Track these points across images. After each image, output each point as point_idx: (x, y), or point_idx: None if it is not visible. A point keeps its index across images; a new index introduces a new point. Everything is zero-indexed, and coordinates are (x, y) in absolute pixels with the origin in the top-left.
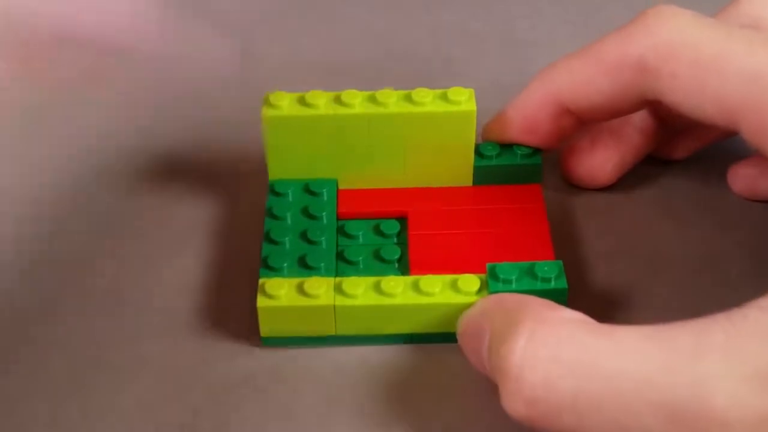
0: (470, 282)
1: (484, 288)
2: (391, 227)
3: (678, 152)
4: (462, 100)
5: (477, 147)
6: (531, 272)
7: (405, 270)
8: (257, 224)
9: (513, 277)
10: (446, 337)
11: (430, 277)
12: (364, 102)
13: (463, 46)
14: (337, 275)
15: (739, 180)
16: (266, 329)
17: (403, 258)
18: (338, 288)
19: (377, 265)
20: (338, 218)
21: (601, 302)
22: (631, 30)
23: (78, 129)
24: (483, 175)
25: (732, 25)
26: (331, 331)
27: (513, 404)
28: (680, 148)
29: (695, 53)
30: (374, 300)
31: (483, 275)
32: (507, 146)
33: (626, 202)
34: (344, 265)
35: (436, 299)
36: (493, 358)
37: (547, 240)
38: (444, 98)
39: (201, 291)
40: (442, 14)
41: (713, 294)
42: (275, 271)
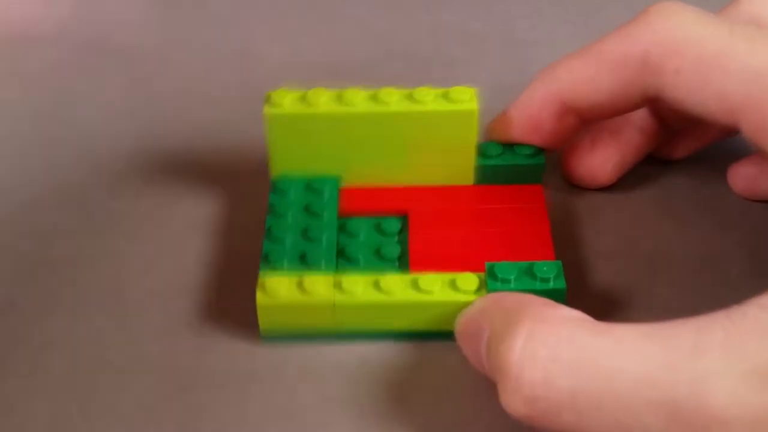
0: (469, 281)
1: (483, 287)
2: (392, 225)
3: (678, 152)
4: (464, 99)
5: (479, 146)
6: (530, 272)
7: (405, 268)
8: (257, 224)
9: (511, 277)
10: (445, 335)
11: (429, 276)
12: (366, 100)
13: (463, 46)
14: (338, 273)
15: (739, 179)
16: (265, 325)
17: (404, 256)
18: (337, 285)
19: (377, 263)
20: (340, 216)
21: (601, 302)
22: (634, 27)
23: (77, 129)
24: (485, 175)
25: (735, 23)
26: (331, 327)
27: (512, 403)
28: (680, 148)
29: (698, 49)
30: (373, 297)
31: (482, 274)
32: (509, 146)
33: (626, 202)
34: (345, 263)
35: (435, 297)
36: (492, 357)
37: (548, 240)
38: (446, 97)
39: (201, 290)
40: (442, 14)
41: (713, 294)
42: (275, 268)
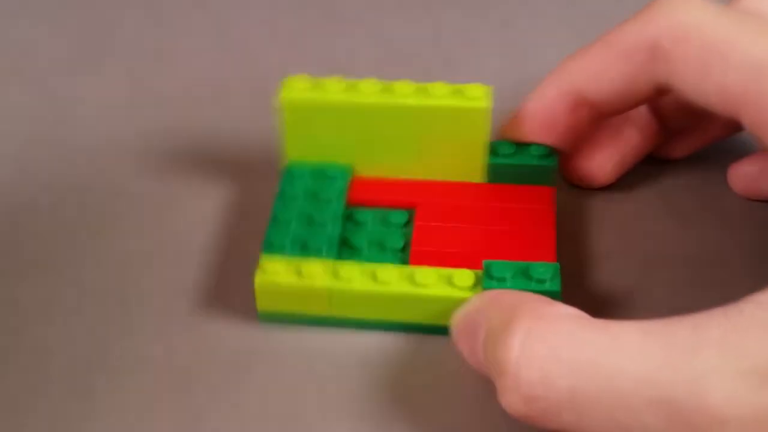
0: (465, 277)
1: (479, 284)
2: (399, 217)
3: (678, 151)
4: (477, 97)
5: (492, 145)
6: (526, 272)
7: (407, 260)
8: (258, 223)
9: (507, 276)
10: (439, 330)
11: (426, 269)
12: (380, 92)
13: (463, 46)
14: (338, 261)
15: (740, 179)
16: (263, 307)
17: (407, 249)
18: (335, 272)
19: (380, 254)
20: (348, 205)
21: (601, 302)
22: (644, 15)
23: (77, 129)
24: (496, 174)
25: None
26: (326, 313)
27: (511, 402)
28: (680, 148)
29: (704, 38)
30: (368, 286)
31: (479, 271)
32: (523, 146)
33: (626, 202)
34: (347, 251)
35: (429, 291)
36: (490, 356)
37: (551, 243)
38: (459, 93)
39: (202, 290)
40: (442, 14)
41: (713, 293)
42: (277, 251)
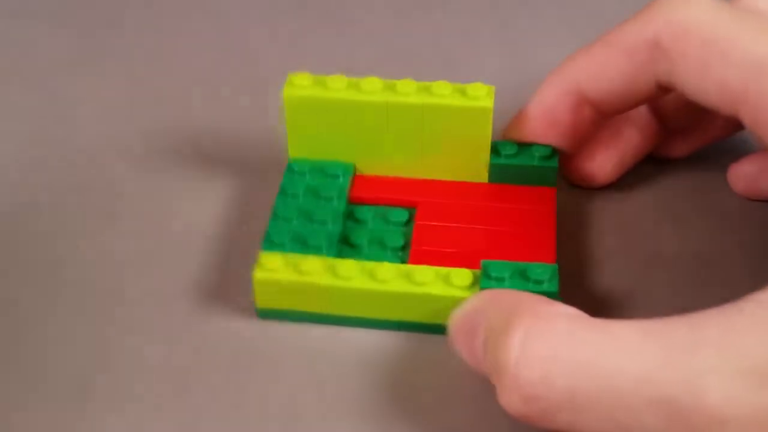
0: (463, 276)
1: (476, 283)
2: (400, 216)
3: (678, 151)
4: (480, 96)
5: (495, 145)
6: (524, 273)
7: (407, 259)
8: (260, 221)
9: (505, 276)
10: (436, 329)
11: (424, 268)
12: (383, 90)
13: (463, 46)
14: (337, 258)
15: (739, 179)
16: (261, 303)
17: (406, 247)
18: (332, 269)
19: (379, 252)
20: (350, 203)
21: (601, 302)
22: (646, 12)
23: (76, 128)
24: (498, 174)
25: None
26: (324, 310)
27: (511, 402)
28: (680, 147)
29: (704, 34)
30: (365, 284)
31: (477, 271)
32: (526, 147)
33: (626, 202)
34: (347, 249)
35: (427, 290)
36: (490, 355)
37: (551, 244)
38: (463, 93)
39: (202, 289)
40: (442, 14)
41: (713, 293)
42: (277, 247)
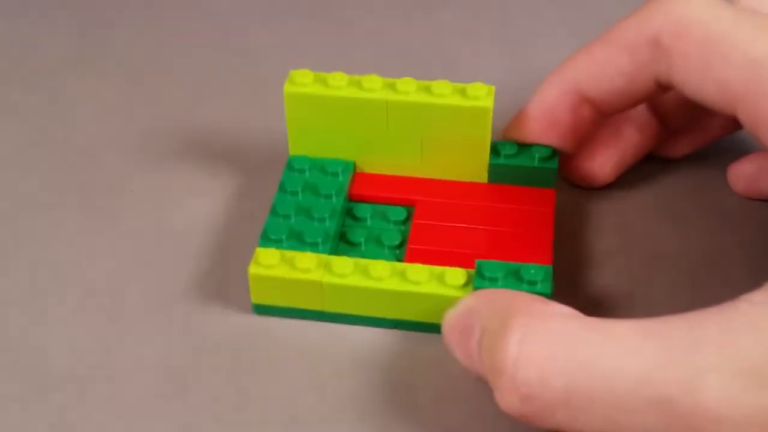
0: (457, 276)
1: (470, 283)
2: (398, 214)
3: (678, 150)
4: (480, 96)
5: (495, 145)
6: (517, 273)
7: (403, 257)
8: (260, 219)
9: (499, 276)
10: (430, 327)
11: (419, 267)
12: (384, 88)
13: (463, 46)
14: (332, 255)
15: (739, 179)
16: (256, 298)
17: (403, 245)
18: (327, 266)
19: (376, 250)
20: (349, 200)
21: (601, 301)
22: (646, 10)
23: (76, 128)
24: (498, 174)
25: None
26: (319, 307)
27: (508, 401)
28: (680, 147)
29: (704, 33)
30: (360, 281)
31: (471, 270)
32: (526, 147)
33: (626, 202)
34: (345, 246)
35: (420, 289)
36: (487, 355)
37: (548, 246)
38: (462, 92)
39: (202, 289)
40: (442, 14)
41: (713, 293)
42: (273, 243)
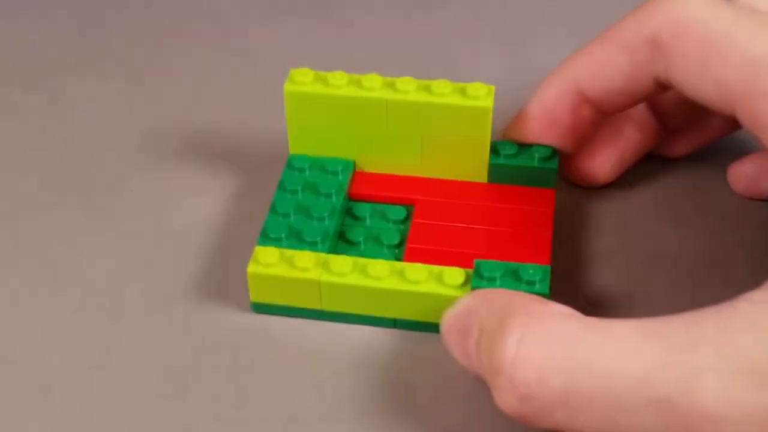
0: (455, 275)
1: (468, 283)
2: (397, 213)
3: (677, 150)
4: (480, 96)
5: (495, 145)
6: (516, 273)
7: (402, 256)
8: (258, 221)
9: (497, 276)
10: (428, 327)
11: (417, 266)
12: (383, 87)
13: (463, 46)
14: (335, 253)
15: (739, 179)
16: (255, 296)
17: (403, 244)
18: (325, 265)
19: (375, 249)
20: (348, 199)
21: (601, 301)
22: (644, 9)
23: (76, 128)
24: (498, 174)
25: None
26: (318, 305)
27: (506, 401)
28: (680, 146)
29: (703, 33)
30: (358, 281)
31: (470, 270)
32: (526, 147)
33: (626, 202)
34: (344, 245)
35: (419, 288)
36: (485, 355)
37: (547, 246)
38: (462, 92)
39: (202, 288)
40: (442, 14)
41: (713, 293)
42: (273, 241)
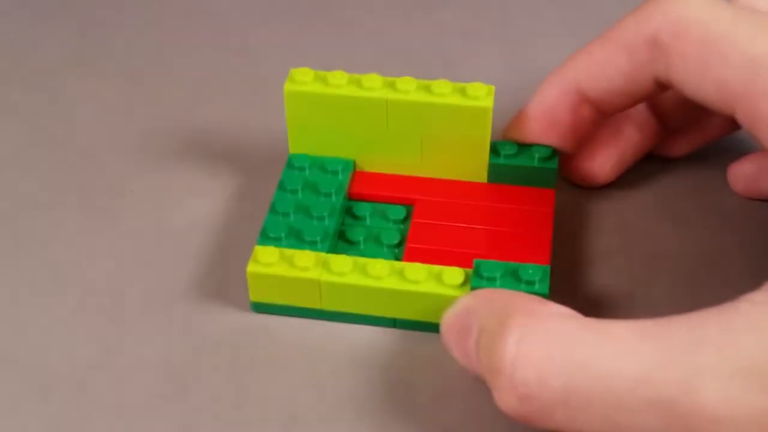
0: (455, 275)
1: (468, 283)
2: (397, 213)
3: (677, 150)
4: (480, 96)
5: (495, 145)
6: (515, 273)
7: (401, 256)
8: (258, 221)
9: (497, 276)
10: (428, 326)
11: (417, 266)
12: (384, 87)
13: (463, 46)
14: (335, 253)
15: (739, 179)
16: (255, 296)
17: (402, 244)
18: (325, 264)
19: (375, 248)
20: (349, 198)
21: (601, 301)
22: (644, 9)
23: (76, 128)
24: (498, 174)
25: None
26: (317, 305)
27: (506, 401)
28: (680, 146)
29: (703, 33)
30: (358, 280)
31: (469, 270)
32: (526, 147)
33: (626, 202)
34: (343, 244)
35: (418, 288)
36: (484, 355)
37: (547, 246)
38: (462, 92)
39: (201, 288)
40: (442, 14)
41: (713, 293)
42: (273, 241)
